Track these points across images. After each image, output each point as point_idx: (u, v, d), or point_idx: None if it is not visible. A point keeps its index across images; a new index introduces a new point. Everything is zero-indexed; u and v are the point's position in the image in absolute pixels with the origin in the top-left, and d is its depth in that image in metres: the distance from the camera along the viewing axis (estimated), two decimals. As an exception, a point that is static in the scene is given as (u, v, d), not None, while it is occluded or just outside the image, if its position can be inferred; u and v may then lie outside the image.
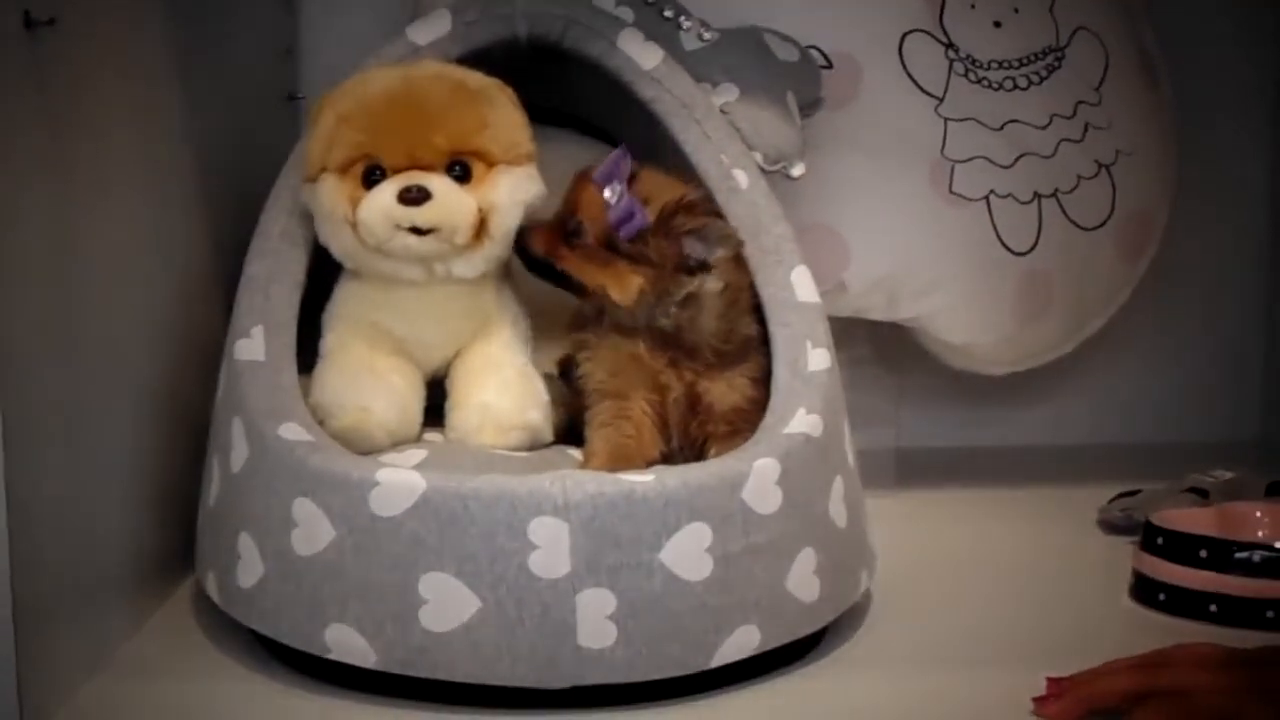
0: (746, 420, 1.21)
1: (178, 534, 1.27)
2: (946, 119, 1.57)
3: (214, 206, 1.39)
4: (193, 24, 1.35)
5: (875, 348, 1.71)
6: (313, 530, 1.06)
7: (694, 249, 1.21)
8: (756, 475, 1.08)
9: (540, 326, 1.32)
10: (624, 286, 1.22)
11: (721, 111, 1.36)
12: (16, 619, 0.97)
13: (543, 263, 1.26)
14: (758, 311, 1.26)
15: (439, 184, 1.22)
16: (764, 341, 1.25)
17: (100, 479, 1.14)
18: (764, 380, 1.23)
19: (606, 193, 1.22)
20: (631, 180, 1.24)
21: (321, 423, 1.17)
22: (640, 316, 1.23)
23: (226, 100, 1.47)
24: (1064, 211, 1.60)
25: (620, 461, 1.18)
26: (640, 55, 1.35)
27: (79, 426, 1.09)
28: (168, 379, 1.28)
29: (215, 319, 1.33)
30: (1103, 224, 1.62)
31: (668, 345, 1.24)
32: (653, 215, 1.21)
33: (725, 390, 1.24)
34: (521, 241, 1.26)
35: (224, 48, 1.47)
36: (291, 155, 1.32)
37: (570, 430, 1.29)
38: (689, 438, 1.24)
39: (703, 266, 1.22)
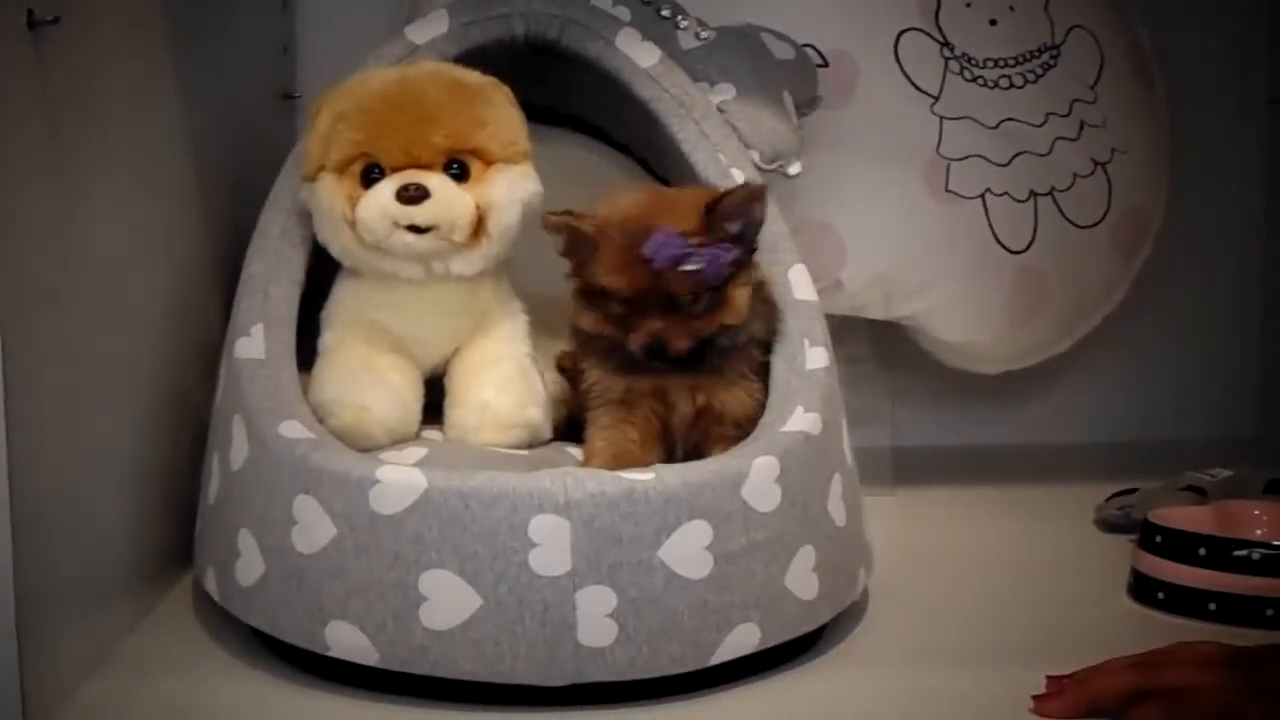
0: (753, 423, 1.21)
1: (178, 532, 1.27)
2: (942, 117, 1.57)
3: (212, 205, 1.39)
4: (191, 23, 1.35)
5: (872, 347, 1.71)
6: (313, 528, 1.06)
7: (750, 215, 1.20)
8: (756, 473, 1.08)
9: (539, 323, 1.32)
10: (735, 308, 1.21)
11: (719, 110, 1.36)
12: (19, 616, 0.97)
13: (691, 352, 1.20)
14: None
15: (437, 182, 1.22)
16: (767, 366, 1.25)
17: (101, 477, 1.14)
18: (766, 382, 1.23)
19: (664, 256, 1.18)
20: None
21: (321, 421, 1.17)
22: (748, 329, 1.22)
23: (224, 99, 1.47)
24: (1060, 209, 1.60)
25: (621, 462, 1.18)
26: (638, 54, 1.36)
27: (80, 425, 1.09)
28: (168, 378, 1.28)
29: (214, 317, 1.34)
30: (1098, 222, 1.63)
31: (691, 369, 1.22)
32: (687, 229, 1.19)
33: (740, 399, 1.22)
34: (661, 352, 1.19)
35: (222, 47, 1.47)
36: (291, 155, 1.32)
37: (570, 427, 1.29)
38: (691, 442, 1.24)
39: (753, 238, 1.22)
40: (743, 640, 1.07)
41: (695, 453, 1.23)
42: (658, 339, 1.19)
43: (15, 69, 0.99)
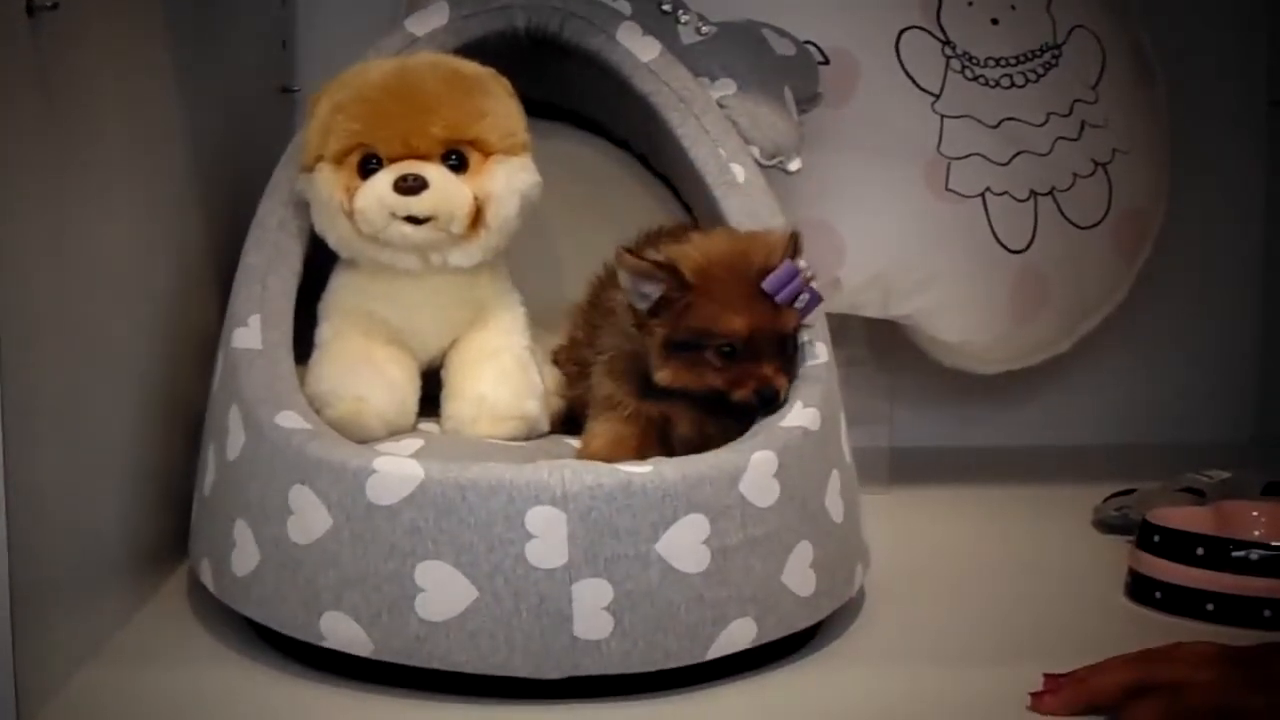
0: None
1: (173, 522, 1.26)
2: (943, 116, 1.57)
3: (209, 197, 1.39)
4: (189, 16, 1.35)
5: (870, 347, 1.71)
6: (309, 518, 1.05)
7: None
8: (754, 468, 1.07)
9: (536, 316, 1.32)
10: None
11: (719, 105, 1.36)
12: (13, 605, 0.96)
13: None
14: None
15: (435, 173, 1.22)
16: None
17: (96, 467, 1.14)
18: None
19: (790, 290, 1.16)
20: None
21: (318, 412, 1.17)
22: None
23: (222, 92, 1.46)
24: (1060, 209, 1.60)
25: (618, 452, 1.18)
26: (639, 48, 1.36)
27: (76, 415, 1.09)
28: (164, 369, 1.28)
29: (211, 309, 1.34)
30: (1099, 222, 1.63)
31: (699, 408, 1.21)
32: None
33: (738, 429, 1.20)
34: (773, 399, 1.17)
35: (220, 40, 1.47)
36: (289, 146, 1.32)
37: (568, 419, 1.29)
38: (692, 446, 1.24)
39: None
40: (739, 635, 1.06)
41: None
42: (771, 385, 1.17)
43: (13, 55, 0.98)
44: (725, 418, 1.18)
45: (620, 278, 1.18)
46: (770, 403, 1.16)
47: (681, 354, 1.18)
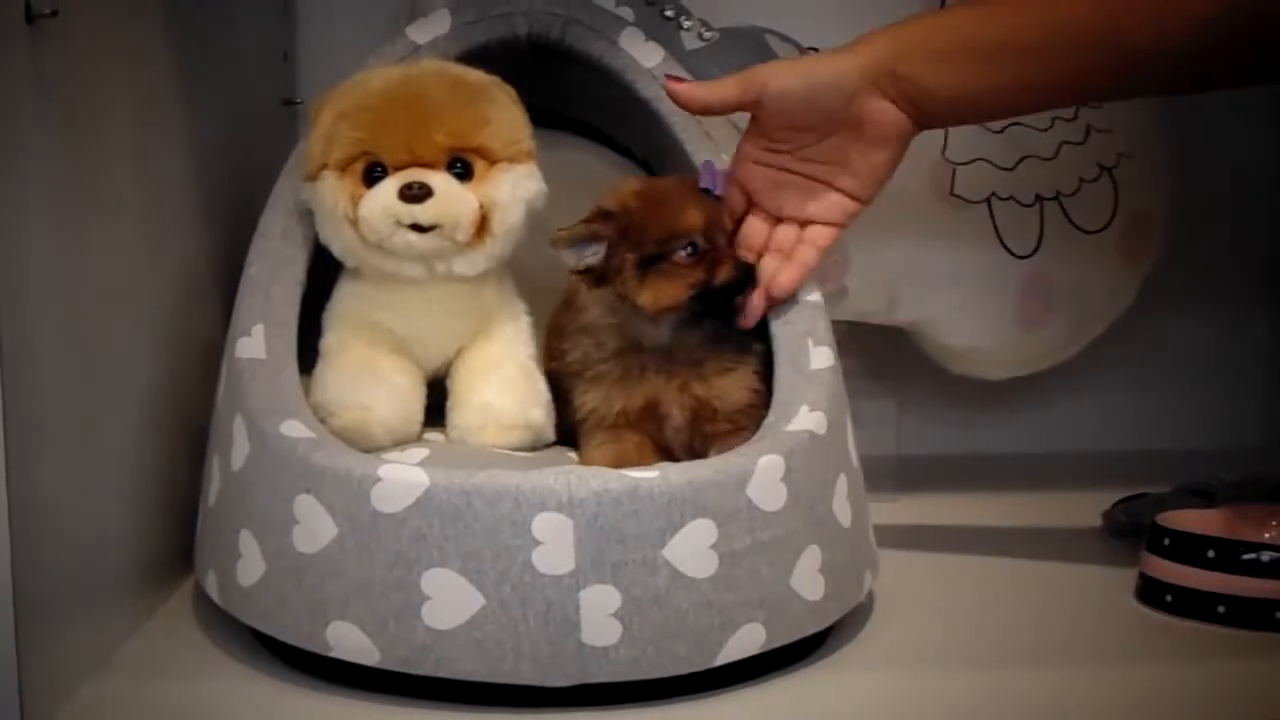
0: (749, 418, 1.21)
1: (178, 534, 1.26)
2: (947, 121, 1.56)
3: (211, 209, 1.39)
4: (191, 27, 1.35)
5: (876, 354, 1.70)
6: (314, 527, 1.05)
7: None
8: (761, 472, 1.07)
9: (542, 324, 1.32)
10: None
11: (723, 111, 1.35)
12: (18, 618, 0.96)
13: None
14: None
15: (440, 181, 1.22)
16: (765, 339, 1.25)
17: (101, 479, 1.13)
18: (765, 375, 1.23)
19: (721, 180, 1.26)
20: None
21: (322, 421, 1.16)
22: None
23: (224, 104, 1.46)
24: (1066, 214, 1.59)
25: (621, 464, 1.17)
26: (641, 54, 1.35)
27: (80, 427, 1.08)
28: (167, 380, 1.28)
29: (214, 321, 1.33)
30: (1105, 227, 1.62)
31: (673, 362, 1.24)
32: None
33: (731, 388, 1.23)
34: (750, 276, 1.25)
35: (222, 52, 1.46)
36: (292, 156, 1.32)
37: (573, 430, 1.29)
38: (691, 451, 1.24)
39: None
40: (748, 641, 1.06)
41: (699, 454, 1.23)
42: (744, 260, 1.24)
43: (13, 62, 0.98)
44: (710, 342, 1.24)
45: (564, 260, 1.22)
46: (749, 276, 1.23)
47: (653, 270, 1.22)
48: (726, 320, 1.24)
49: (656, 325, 1.23)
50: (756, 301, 1.23)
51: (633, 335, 1.24)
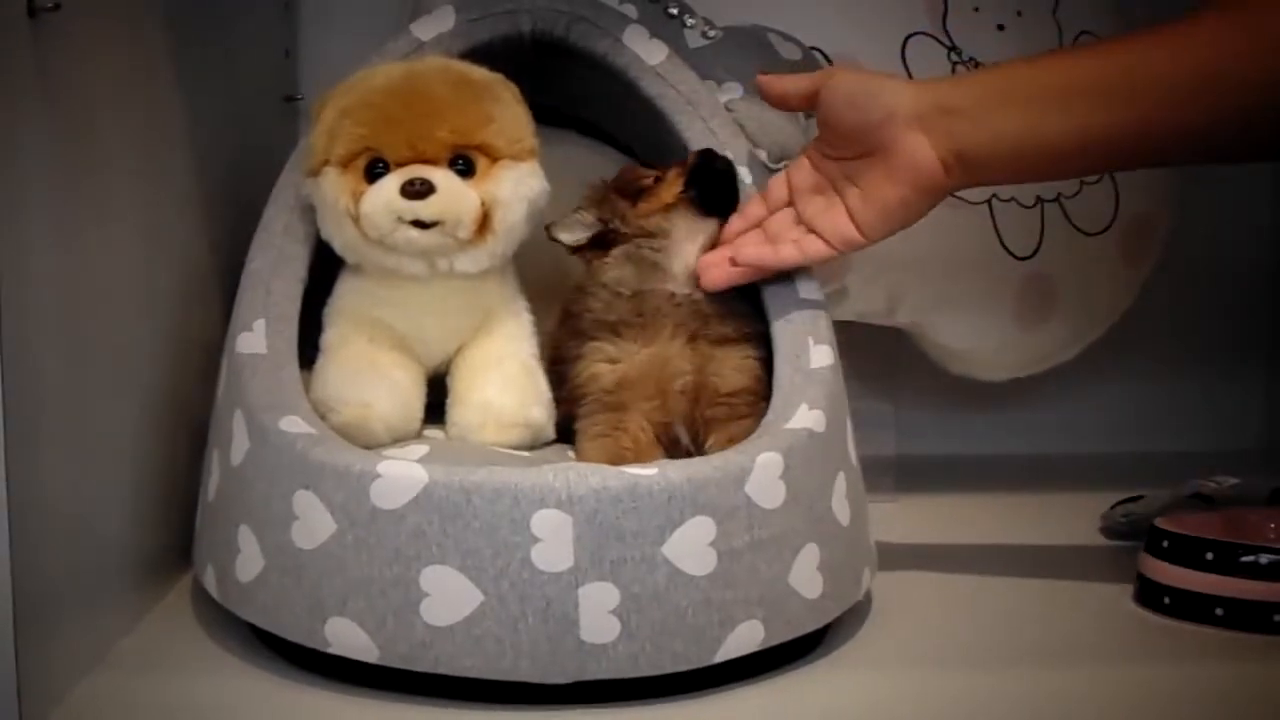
0: (748, 405, 1.22)
1: (177, 529, 1.26)
2: (949, 121, 1.56)
3: (213, 205, 1.39)
4: (193, 24, 1.35)
5: (876, 355, 1.70)
6: (313, 523, 1.05)
7: None
8: (760, 469, 1.07)
9: (544, 322, 1.32)
10: None
11: (726, 108, 1.35)
12: (16, 613, 0.96)
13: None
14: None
15: (442, 177, 1.22)
16: (766, 339, 1.25)
17: (99, 474, 1.13)
18: (766, 369, 1.23)
19: None
20: None
21: (322, 418, 1.16)
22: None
23: (226, 101, 1.46)
24: (1067, 216, 1.60)
25: (616, 463, 1.17)
26: (645, 51, 1.35)
27: (79, 422, 1.08)
28: (168, 375, 1.27)
29: (214, 317, 1.33)
30: (1106, 229, 1.62)
31: (685, 318, 1.25)
32: None
33: (733, 370, 1.24)
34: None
35: (224, 49, 1.47)
36: (294, 152, 1.32)
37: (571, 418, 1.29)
38: (693, 427, 1.24)
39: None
40: (747, 638, 1.06)
41: (697, 441, 1.24)
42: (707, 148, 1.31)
43: (15, 56, 0.98)
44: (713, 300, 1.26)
45: (562, 240, 1.30)
46: (720, 157, 1.29)
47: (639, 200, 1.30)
48: (724, 212, 1.28)
49: (667, 257, 1.27)
50: (716, 259, 1.26)
51: (645, 280, 1.26)
